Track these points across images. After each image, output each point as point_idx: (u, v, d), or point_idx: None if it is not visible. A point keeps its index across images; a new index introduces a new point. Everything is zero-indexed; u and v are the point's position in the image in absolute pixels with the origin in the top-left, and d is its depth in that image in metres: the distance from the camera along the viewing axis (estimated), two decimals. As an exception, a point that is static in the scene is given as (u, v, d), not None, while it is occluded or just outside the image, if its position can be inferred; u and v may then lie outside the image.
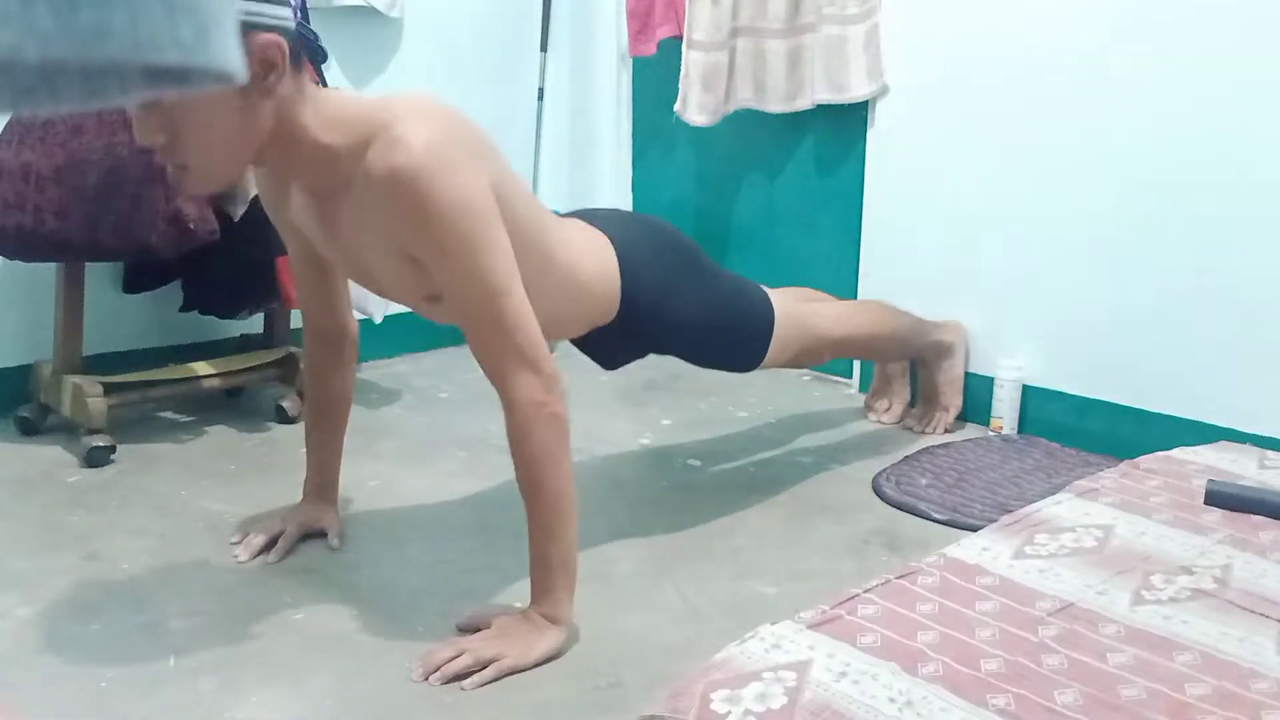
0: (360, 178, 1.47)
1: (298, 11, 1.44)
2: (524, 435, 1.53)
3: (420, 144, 1.42)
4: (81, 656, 1.54)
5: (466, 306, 1.52)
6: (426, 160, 1.42)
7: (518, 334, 1.51)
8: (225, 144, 1.43)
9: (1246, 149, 2.18)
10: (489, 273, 1.48)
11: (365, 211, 1.50)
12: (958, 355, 2.60)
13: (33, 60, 0.32)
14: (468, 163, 1.47)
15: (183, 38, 0.35)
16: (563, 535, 1.57)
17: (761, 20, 2.85)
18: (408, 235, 1.48)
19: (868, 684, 1.20)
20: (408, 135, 1.43)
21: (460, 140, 1.49)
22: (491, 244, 1.48)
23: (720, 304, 2.04)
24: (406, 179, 1.42)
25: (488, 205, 1.49)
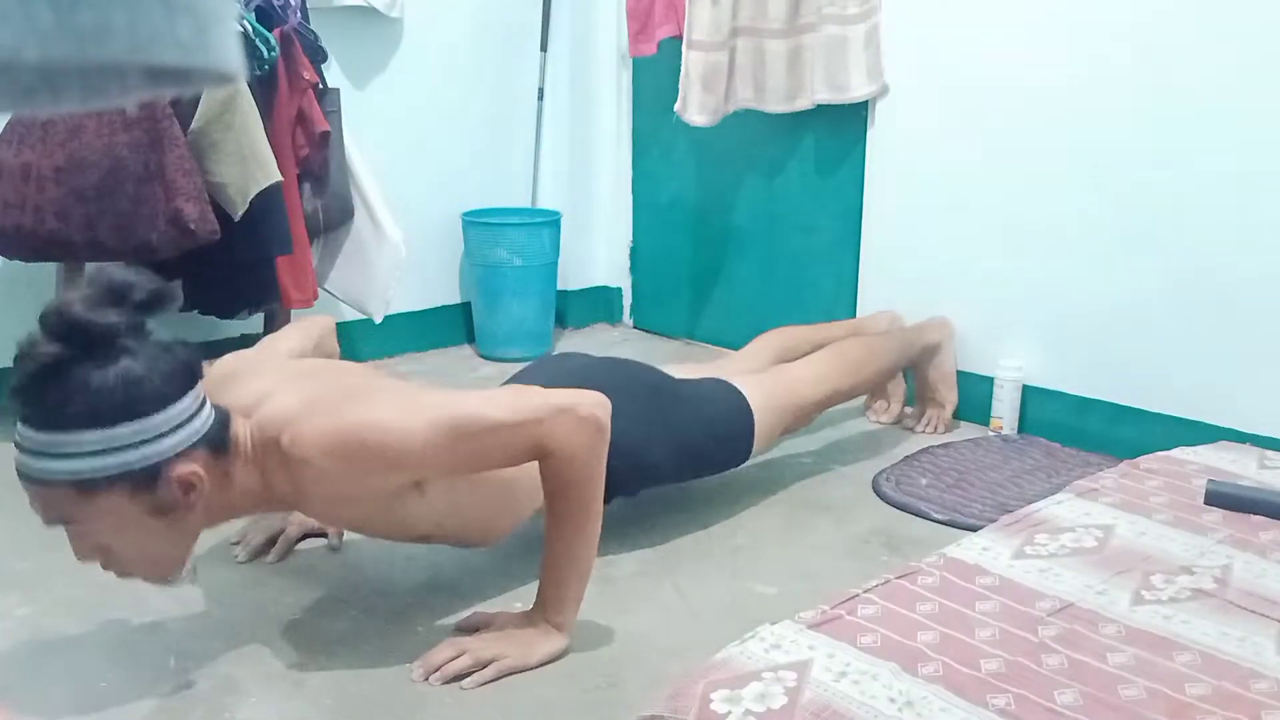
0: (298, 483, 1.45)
1: (296, 12, 1.44)
2: (565, 438, 1.49)
3: (309, 433, 1.40)
4: (81, 656, 1.54)
5: (463, 462, 1.50)
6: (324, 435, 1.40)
7: (520, 419, 1.47)
8: (159, 555, 1.44)
9: (1246, 149, 2.18)
10: (430, 429, 1.43)
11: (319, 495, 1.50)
12: (946, 351, 2.59)
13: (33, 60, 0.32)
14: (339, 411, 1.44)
15: (182, 38, 0.35)
16: (587, 549, 1.56)
17: (761, 20, 2.85)
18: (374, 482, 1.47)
19: (868, 684, 1.20)
20: (296, 434, 1.41)
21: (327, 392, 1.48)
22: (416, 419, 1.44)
23: (697, 432, 1.98)
24: (319, 459, 1.40)
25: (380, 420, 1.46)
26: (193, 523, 1.43)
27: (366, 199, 2.75)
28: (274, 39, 2.40)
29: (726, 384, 2.07)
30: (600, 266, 3.54)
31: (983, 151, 2.57)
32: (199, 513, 1.42)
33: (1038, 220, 2.50)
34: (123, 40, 0.33)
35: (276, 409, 1.44)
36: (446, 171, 3.23)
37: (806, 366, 2.27)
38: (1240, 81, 2.17)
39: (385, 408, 1.46)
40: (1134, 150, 2.33)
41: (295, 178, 2.54)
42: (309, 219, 2.64)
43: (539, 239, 3.19)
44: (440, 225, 3.21)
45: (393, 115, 3.07)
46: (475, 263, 3.22)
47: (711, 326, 3.29)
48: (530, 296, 3.19)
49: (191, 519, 1.42)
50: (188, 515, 1.40)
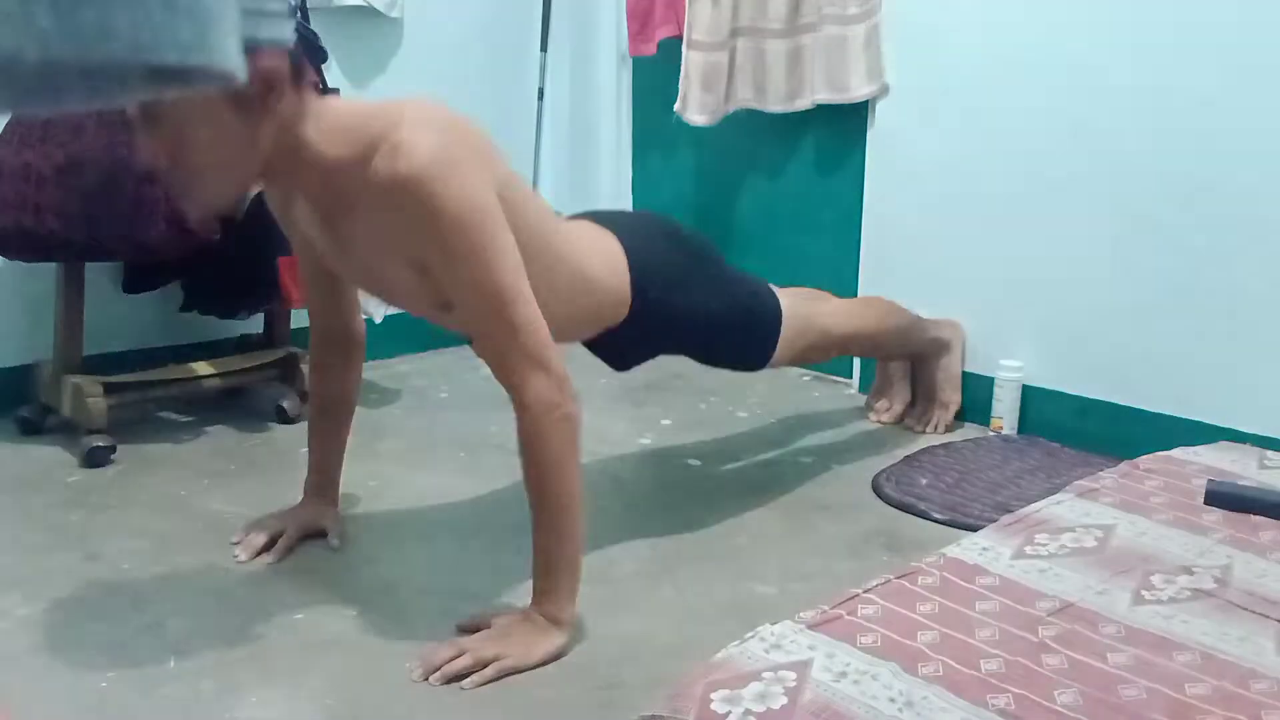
0: (365, 187, 1.47)
1: (297, 11, 1.45)
2: (536, 436, 1.52)
3: (424, 150, 1.42)
4: (81, 656, 1.54)
5: (476, 311, 1.52)
6: (430, 165, 1.42)
7: (528, 337, 1.51)
8: (228, 164, 1.44)
9: (1246, 149, 2.18)
10: (497, 277, 1.48)
11: (372, 221, 1.50)
12: (955, 353, 2.60)
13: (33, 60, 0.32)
14: (472, 167, 1.47)
15: (183, 38, 0.35)
16: (570, 537, 1.57)
17: (761, 20, 2.85)
18: (415, 242, 1.48)
19: (868, 684, 1.20)
20: (410, 142, 1.43)
21: (464, 144, 1.49)
22: (498, 248, 1.48)
23: (729, 302, 2.04)
24: (411, 185, 1.42)
25: (493, 209, 1.49)
26: (263, 139, 1.42)
27: (367, 199, 2.75)
28: (274, 39, 2.39)
29: (767, 285, 2.15)
30: (600, 266, 3.54)
31: (983, 151, 2.57)
32: (271, 130, 1.41)
33: (1038, 220, 2.50)
34: (123, 41, 0.33)
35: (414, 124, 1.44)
36: (447, 171, 3.22)
37: (833, 303, 2.37)
38: (1241, 82, 2.17)
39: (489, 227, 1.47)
40: (1134, 150, 2.33)
41: (295, 178, 2.54)
42: (309, 219, 2.64)
43: (539, 239, 3.19)
44: (440, 225, 3.21)
45: (393, 115, 3.06)
46: (475, 263, 3.21)
47: (712, 326, 3.29)
48: (530, 296, 3.18)
49: (263, 133, 1.41)
50: (261, 124, 1.40)
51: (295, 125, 1.44)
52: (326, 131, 1.47)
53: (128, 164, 2.13)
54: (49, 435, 2.42)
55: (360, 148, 1.46)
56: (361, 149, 1.46)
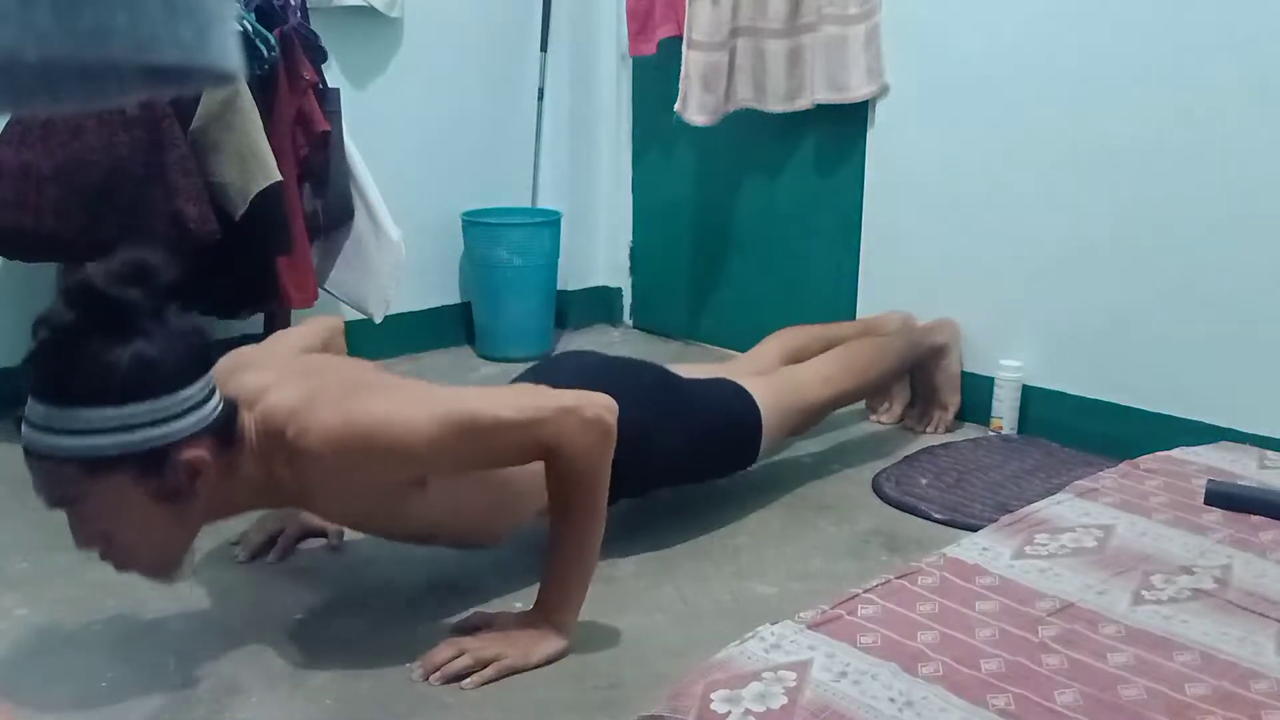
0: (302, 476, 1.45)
1: (297, 13, 1.44)
2: (571, 439, 1.48)
3: (315, 425, 1.40)
4: (81, 656, 1.54)
5: (455, 459, 1.50)
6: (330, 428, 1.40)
7: (520, 418, 1.47)
8: (163, 545, 1.45)
9: (1246, 149, 2.18)
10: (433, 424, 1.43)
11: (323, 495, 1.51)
12: (953, 354, 2.60)
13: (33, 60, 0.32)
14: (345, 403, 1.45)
15: (183, 38, 0.35)
16: (591, 552, 1.56)
17: (761, 20, 2.84)
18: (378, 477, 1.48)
19: (868, 684, 1.20)
20: (301, 427, 1.41)
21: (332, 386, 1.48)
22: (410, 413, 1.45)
23: (705, 432, 1.98)
24: (323, 452, 1.40)
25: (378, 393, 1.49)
26: (196, 513, 1.43)
27: (367, 199, 2.75)
28: (274, 39, 2.39)
29: (734, 385, 2.07)
30: (600, 266, 3.54)
31: (983, 151, 2.57)
32: (202, 503, 1.41)
33: (1038, 220, 2.50)
34: (123, 40, 0.33)
35: (281, 401, 1.44)
36: (446, 171, 3.23)
37: (814, 368, 2.27)
38: (1243, 81, 2.17)
39: (391, 402, 1.46)
40: (1135, 150, 2.33)
41: (295, 178, 2.54)
42: (309, 219, 2.64)
43: (539, 239, 3.19)
44: (440, 225, 3.21)
45: (393, 115, 3.07)
46: (475, 263, 3.22)
47: (711, 326, 3.29)
48: (530, 297, 3.19)
49: (195, 508, 1.41)
50: (192, 503, 1.40)
51: (225, 484, 1.43)
52: (250, 469, 1.45)
53: (128, 164, 2.13)
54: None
55: (277, 457, 1.44)
56: (279, 457, 1.44)
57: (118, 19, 0.33)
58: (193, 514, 1.43)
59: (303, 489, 1.49)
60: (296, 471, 1.44)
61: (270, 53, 2.38)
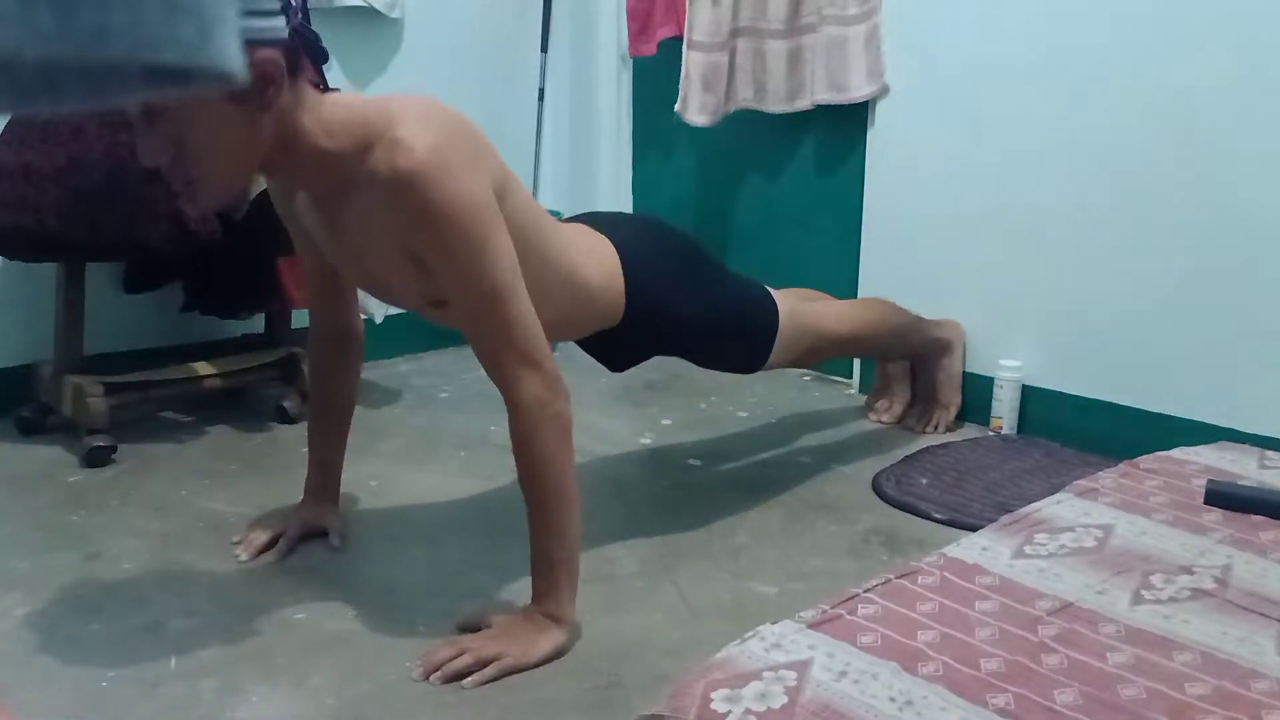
0: (363, 181, 1.47)
1: (298, 13, 1.44)
2: (528, 434, 1.53)
3: (422, 146, 1.43)
4: (81, 656, 1.54)
5: (470, 307, 1.52)
6: (428, 162, 1.42)
7: (520, 334, 1.51)
8: (228, 159, 1.44)
9: (1246, 150, 2.18)
10: (492, 274, 1.49)
11: (369, 215, 1.51)
12: (956, 354, 2.61)
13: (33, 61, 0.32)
14: (469, 165, 1.47)
15: (183, 38, 0.35)
16: (566, 534, 1.57)
17: (762, 21, 2.85)
18: (411, 237, 1.49)
19: (868, 683, 1.20)
20: (409, 137, 1.43)
21: (462, 142, 1.49)
22: (494, 246, 1.49)
23: (725, 304, 2.04)
24: (409, 181, 1.42)
25: (490, 207, 1.49)
26: (263, 131, 1.42)
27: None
28: (274, 39, 2.40)
29: (763, 286, 2.14)
30: (601, 267, 3.54)
31: (983, 152, 2.57)
32: (268, 126, 1.41)
33: (1038, 220, 2.50)
34: (124, 41, 0.34)
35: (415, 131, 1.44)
36: (447, 172, 3.23)
37: (831, 304, 2.37)
38: (1241, 82, 2.17)
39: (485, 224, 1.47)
40: (1134, 150, 2.33)
41: (296, 178, 2.54)
42: (310, 219, 2.64)
43: (539, 239, 3.19)
44: (441, 225, 3.21)
45: (393, 115, 3.06)
46: (476, 263, 3.22)
47: (712, 327, 3.29)
48: (531, 297, 3.18)
49: (262, 127, 1.41)
50: (261, 117, 1.40)
51: (293, 119, 1.44)
52: (325, 124, 1.47)
53: (128, 164, 2.13)
54: (49, 435, 2.42)
55: (359, 141, 1.47)
56: (360, 143, 1.46)
57: (118, 19, 0.33)
58: (259, 133, 1.42)
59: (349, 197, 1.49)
60: (363, 172, 1.45)
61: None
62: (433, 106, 1.53)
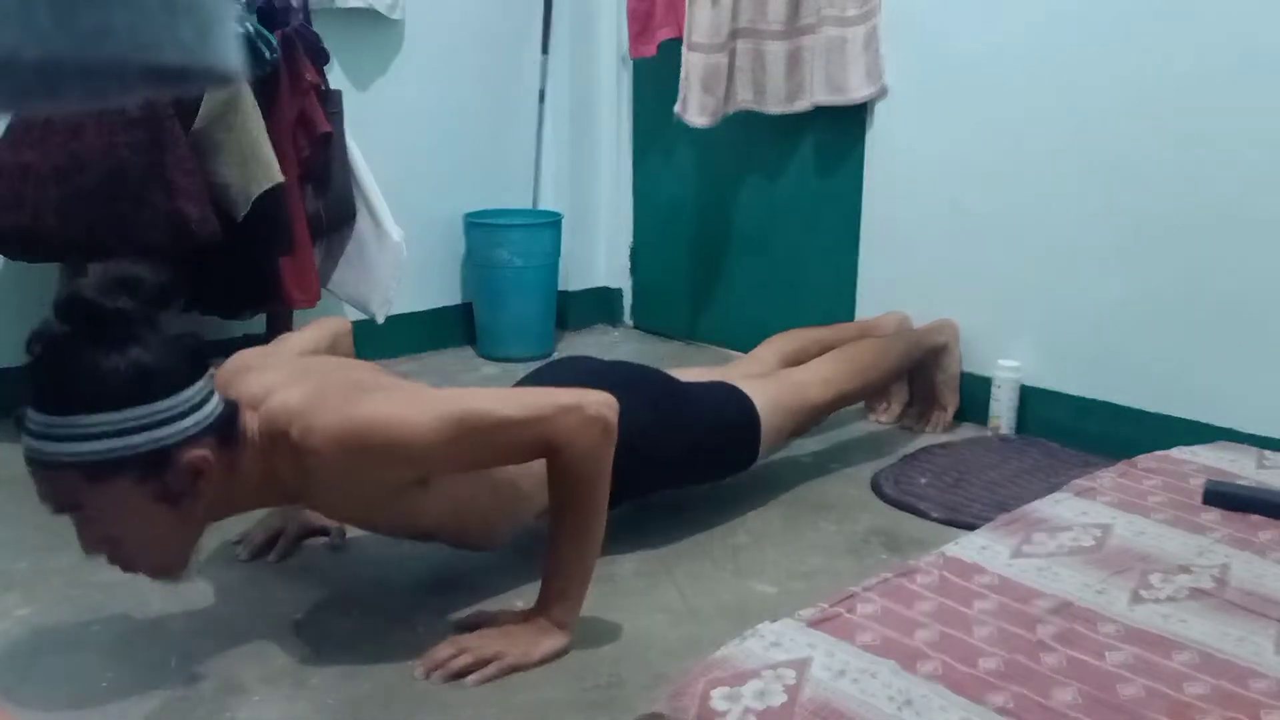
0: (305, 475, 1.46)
1: (298, 14, 1.45)
2: (572, 436, 1.49)
3: (318, 425, 1.41)
4: (81, 656, 1.54)
5: (458, 454, 1.50)
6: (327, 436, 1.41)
7: (517, 416, 1.48)
8: (166, 546, 1.45)
9: (1246, 150, 2.18)
10: (439, 420, 1.45)
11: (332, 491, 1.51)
12: (954, 353, 2.60)
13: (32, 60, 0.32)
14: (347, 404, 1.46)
15: (183, 38, 0.35)
16: (592, 549, 1.57)
17: (761, 22, 2.85)
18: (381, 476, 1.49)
19: (867, 682, 1.21)
20: (305, 426, 1.41)
21: (332, 389, 1.49)
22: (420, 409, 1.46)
23: (704, 434, 1.99)
24: (336, 450, 1.41)
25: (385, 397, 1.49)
26: (200, 513, 1.44)
27: (368, 200, 2.76)
28: (276, 40, 2.40)
29: (733, 388, 2.08)
30: (601, 267, 3.55)
31: (982, 152, 2.57)
32: (206, 503, 1.42)
33: (1037, 220, 2.51)
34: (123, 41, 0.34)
35: (285, 401, 1.45)
36: (448, 173, 3.23)
37: (813, 370, 2.27)
38: (1241, 82, 2.18)
39: (394, 402, 1.47)
40: (1134, 150, 2.33)
41: (297, 179, 2.55)
42: (311, 220, 2.64)
43: (540, 240, 3.19)
44: (442, 226, 3.22)
45: (394, 117, 3.07)
46: (476, 263, 3.22)
47: (712, 327, 3.29)
48: (531, 297, 3.19)
49: (198, 509, 1.42)
50: (195, 504, 1.41)
51: (227, 483, 1.44)
52: (252, 464, 1.46)
53: (128, 164, 2.13)
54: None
55: (279, 454, 1.45)
56: (281, 455, 1.44)
57: (118, 19, 0.33)
58: (196, 514, 1.44)
59: (306, 487, 1.50)
60: (300, 470, 1.44)
61: (272, 54, 2.38)
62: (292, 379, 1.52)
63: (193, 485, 1.38)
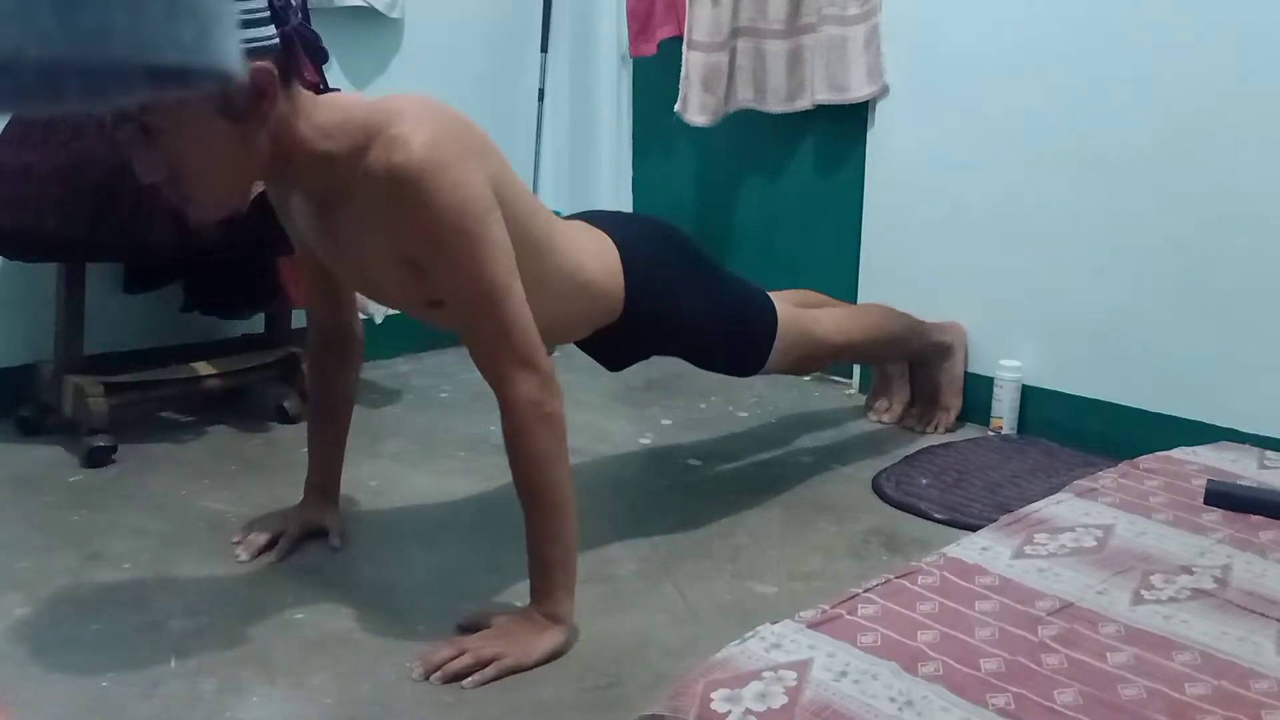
0: (360, 180, 1.47)
1: (298, 13, 1.45)
2: (521, 435, 1.53)
3: (419, 143, 1.43)
4: (81, 656, 1.54)
5: (465, 306, 1.52)
6: (426, 159, 1.42)
7: (515, 334, 1.51)
8: (225, 175, 1.45)
9: (1246, 150, 2.18)
10: (489, 273, 1.48)
11: (366, 215, 1.50)
12: (957, 356, 2.61)
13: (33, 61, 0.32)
14: (467, 162, 1.47)
15: (183, 38, 0.35)
16: (562, 535, 1.57)
17: (762, 21, 2.85)
18: (408, 235, 1.49)
19: (868, 683, 1.20)
20: (406, 135, 1.43)
21: (460, 139, 1.49)
22: (491, 243, 1.48)
23: (724, 306, 2.04)
24: (406, 178, 1.42)
25: (487, 204, 1.49)
26: (261, 142, 1.42)
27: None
28: (275, 39, 2.40)
29: (761, 289, 2.14)
30: (601, 267, 3.54)
31: (984, 151, 2.57)
32: (264, 137, 1.41)
33: (1038, 220, 2.50)
34: (124, 41, 0.34)
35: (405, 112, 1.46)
36: (447, 172, 3.23)
37: (829, 312, 2.34)
38: (1241, 82, 2.17)
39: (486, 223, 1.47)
40: (1134, 150, 2.33)
41: (296, 178, 2.54)
42: (310, 219, 2.64)
43: (539, 239, 3.19)
44: (441, 226, 3.22)
45: (393, 116, 3.07)
46: (476, 263, 3.22)
47: (712, 327, 3.29)
48: (531, 297, 3.18)
49: (260, 137, 1.41)
50: (257, 130, 1.40)
51: (289, 126, 1.44)
52: (322, 128, 1.47)
53: (128, 164, 2.12)
54: (50, 435, 2.42)
55: (355, 142, 1.46)
56: (358, 143, 1.46)
57: (118, 19, 0.33)
58: (257, 142, 1.42)
59: (344, 198, 1.49)
60: (360, 170, 1.44)
61: (271, 53, 2.38)
62: (430, 104, 1.53)
63: (256, 105, 1.38)
